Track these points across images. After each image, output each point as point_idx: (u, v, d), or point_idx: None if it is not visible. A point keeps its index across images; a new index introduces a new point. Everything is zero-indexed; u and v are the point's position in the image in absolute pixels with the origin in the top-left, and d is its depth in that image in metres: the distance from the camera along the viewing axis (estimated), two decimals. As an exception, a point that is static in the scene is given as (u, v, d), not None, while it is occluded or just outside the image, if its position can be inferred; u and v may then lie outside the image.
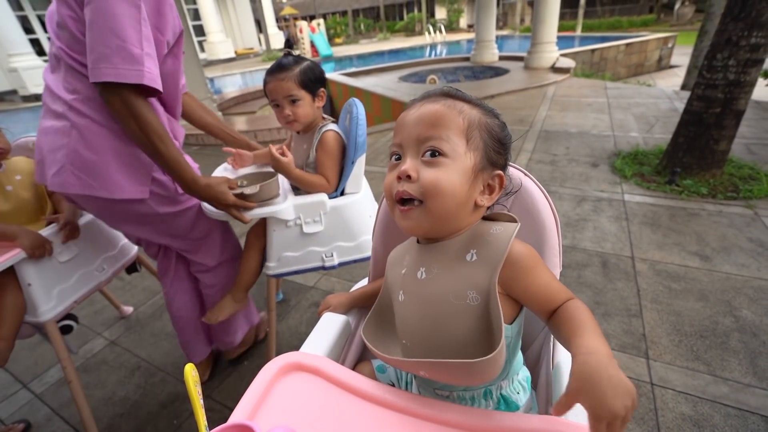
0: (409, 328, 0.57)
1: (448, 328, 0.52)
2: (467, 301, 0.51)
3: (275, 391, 0.56)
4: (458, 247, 0.55)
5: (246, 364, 1.57)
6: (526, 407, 0.60)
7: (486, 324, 0.50)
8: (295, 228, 1.21)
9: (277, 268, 1.25)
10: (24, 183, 1.29)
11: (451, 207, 0.52)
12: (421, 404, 0.52)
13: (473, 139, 0.53)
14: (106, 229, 1.45)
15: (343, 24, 23.10)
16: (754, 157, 2.88)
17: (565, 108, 4.65)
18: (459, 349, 0.51)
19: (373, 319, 0.65)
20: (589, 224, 2.26)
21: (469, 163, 0.53)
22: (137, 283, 2.17)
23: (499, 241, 0.52)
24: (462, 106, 0.55)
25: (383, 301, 0.66)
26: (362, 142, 1.17)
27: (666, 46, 9.64)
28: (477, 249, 0.53)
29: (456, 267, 0.54)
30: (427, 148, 0.53)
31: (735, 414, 1.19)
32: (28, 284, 1.16)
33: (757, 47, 2.26)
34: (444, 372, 0.51)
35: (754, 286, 1.68)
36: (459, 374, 0.50)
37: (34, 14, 11.35)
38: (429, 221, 0.53)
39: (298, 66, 1.18)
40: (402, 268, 0.61)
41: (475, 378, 0.49)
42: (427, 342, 0.54)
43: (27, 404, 1.49)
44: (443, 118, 0.53)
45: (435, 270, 0.55)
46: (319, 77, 1.23)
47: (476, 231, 0.56)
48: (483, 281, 0.51)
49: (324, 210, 1.21)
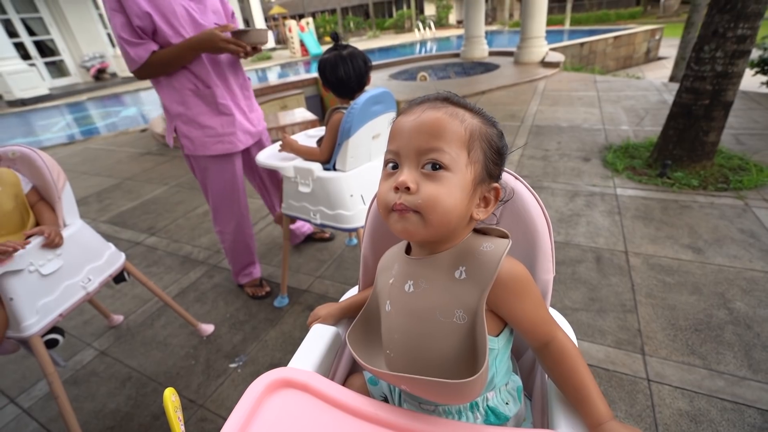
0: (394, 339, 0.55)
1: (432, 345, 0.51)
2: (454, 320, 0.50)
3: (263, 409, 0.53)
4: (447, 262, 0.53)
5: (240, 371, 1.55)
6: (518, 418, 0.59)
7: (471, 343, 0.49)
8: (294, 184, 1.56)
9: (286, 209, 1.69)
10: (6, 194, 1.25)
11: (450, 222, 0.51)
12: (412, 420, 0.51)
13: (474, 150, 0.51)
14: (91, 239, 1.41)
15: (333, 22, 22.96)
16: (742, 147, 2.90)
17: (555, 102, 4.65)
18: (442, 366, 0.50)
19: (359, 326, 0.64)
20: (582, 219, 2.26)
21: (470, 176, 0.51)
22: (127, 291, 2.13)
23: (489, 260, 0.50)
24: (464, 114, 0.52)
25: (371, 307, 0.65)
26: (347, 129, 1.36)
27: (653, 38, 9.71)
28: (466, 266, 0.51)
29: (444, 283, 0.52)
30: (427, 160, 0.50)
31: (731, 408, 1.19)
32: (9, 298, 1.12)
33: (743, 38, 2.27)
34: (425, 389, 0.49)
35: (747, 277, 1.69)
36: (439, 393, 0.49)
37: (18, 17, 11.11)
38: (426, 231, 0.50)
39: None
40: (390, 277, 0.60)
41: (455, 398, 0.49)
42: (410, 355, 0.53)
43: (14, 420, 1.45)
44: (446, 128, 0.50)
45: (423, 284, 0.54)
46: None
47: (466, 246, 0.53)
48: (471, 301, 0.49)
49: (312, 177, 1.48)
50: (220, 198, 1.76)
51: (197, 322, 1.75)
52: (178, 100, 1.55)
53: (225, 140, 1.63)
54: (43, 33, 11.80)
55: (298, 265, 2.17)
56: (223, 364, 1.59)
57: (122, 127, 6.35)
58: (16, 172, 1.30)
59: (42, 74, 11.38)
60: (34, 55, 11.53)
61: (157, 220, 2.94)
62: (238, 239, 1.88)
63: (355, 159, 1.46)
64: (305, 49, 14.23)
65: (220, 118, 1.61)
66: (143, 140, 5.36)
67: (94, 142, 5.63)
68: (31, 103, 9.76)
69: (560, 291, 1.74)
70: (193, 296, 2.03)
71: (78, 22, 12.21)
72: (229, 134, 1.63)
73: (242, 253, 1.93)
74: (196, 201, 3.17)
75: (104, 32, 12.64)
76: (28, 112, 9.06)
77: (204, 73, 1.53)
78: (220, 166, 1.69)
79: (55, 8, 11.78)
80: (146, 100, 9.02)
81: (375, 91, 1.40)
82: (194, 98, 1.55)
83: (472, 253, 0.52)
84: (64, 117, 8.11)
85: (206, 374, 1.55)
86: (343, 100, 1.48)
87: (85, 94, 10.63)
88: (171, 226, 2.82)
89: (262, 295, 1.95)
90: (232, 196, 1.77)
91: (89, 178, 4.08)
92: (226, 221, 1.82)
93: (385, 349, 0.57)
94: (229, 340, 1.71)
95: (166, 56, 1.43)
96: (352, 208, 1.47)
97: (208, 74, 1.53)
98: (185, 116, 1.58)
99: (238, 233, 1.86)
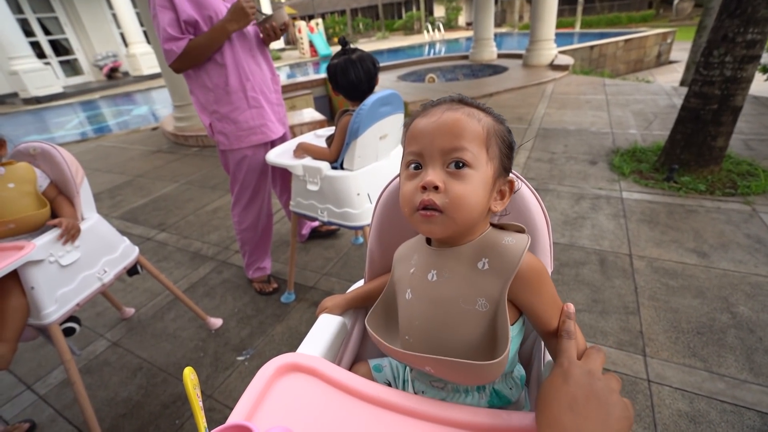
0: (414, 325, 0.58)
1: (454, 330, 0.54)
2: (476, 307, 0.53)
3: (273, 391, 0.57)
4: (470, 253, 0.56)
5: (246, 364, 1.59)
6: (519, 404, 0.61)
7: (491, 330, 0.52)
8: (303, 182, 1.60)
9: (294, 207, 1.72)
10: (19, 190, 1.29)
11: (474, 218, 0.54)
12: (417, 403, 0.53)
13: (491, 147, 0.54)
14: (107, 232, 1.46)
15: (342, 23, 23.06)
16: (752, 152, 2.88)
17: (563, 105, 4.65)
18: (462, 350, 0.53)
19: (378, 312, 0.67)
20: (588, 222, 2.27)
21: (490, 172, 0.54)
22: (138, 285, 2.19)
23: (511, 253, 0.53)
24: (479, 114, 0.55)
25: (388, 295, 0.68)
26: (356, 129, 1.39)
27: (665, 41, 9.62)
28: (489, 258, 0.54)
29: (467, 273, 0.55)
30: (452, 159, 0.53)
31: (731, 410, 1.20)
32: (31, 287, 1.18)
33: (753, 43, 2.26)
34: (449, 370, 0.53)
35: (752, 282, 1.69)
36: (463, 373, 0.52)
37: (34, 17, 11.36)
38: (453, 227, 0.53)
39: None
40: (410, 267, 0.62)
41: (476, 378, 0.52)
42: (430, 340, 0.56)
43: (31, 405, 1.51)
44: (466, 128, 0.53)
45: (446, 274, 0.57)
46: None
47: (488, 239, 0.56)
48: (494, 291, 0.52)
49: (320, 175, 1.52)
50: (249, 187, 1.82)
51: (206, 315, 1.80)
52: (211, 99, 1.63)
53: (257, 131, 1.72)
54: (58, 32, 12.04)
55: (305, 263, 2.21)
56: (230, 357, 1.63)
57: (134, 126, 6.46)
58: (35, 168, 1.35)
59: (56, 73, 11.62)
60: (49, 53, 11.77)
61: (168, 216, 3.01)
62: (259, 230, 1.94)
63: (363, 159, 1.49)
64: (314, 49, 14.32)
65: (251, 111, 1.68)
66: (154, 138, 5.46)
67: (107, 140, 5.74)
68: (45, 101, 9.97)
69: (563, 292, 1.75)
70: (203, 291, 2.08)
71: (92, 21, 12.45)
72: (260, 125, 1.71)
73: (259, 245, 1.98)
74: (206, 198, 3.23)
75: (117, 32, 12.86)
76: (42, 109, 9.26)
77: (234, 68, 1.60)
78: (255, 155, 1.76)
79: (70, 8, 12.02)
80: (157, 99, 9.16)
81: (383, 92, 1.44)
82: (226, 95, 1.62)
83: (495, 247, 0.55)
84: (77, 115, 8.27)
85: (214, 366, 1.59)
86: (354, 102, 1.51)
87: (98, 92, 10.83)
88: (181, 222, 2.88)
89: (269, 291, 1.99)
90: (261, 185, 1.85)
91: (102, 175, 4.17)
92: (250, 211, 1.88)
93: (404, 335, 0.59)
94: (236, 334, 1.75)
95: (202, 40, 1.50)
96: (359, 206, 1.50)
97: (239, 69, 1.61)
98: (219, 113, 1.65)
99: (260, 224, 1.92)
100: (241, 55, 1.60)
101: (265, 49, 1.75)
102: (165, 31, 1.45)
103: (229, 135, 1.69)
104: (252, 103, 1.67)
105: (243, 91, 1.64)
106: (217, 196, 3.25)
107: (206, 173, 3.83)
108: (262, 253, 2.01)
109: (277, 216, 2.80)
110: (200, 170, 3.93)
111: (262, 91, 1.71)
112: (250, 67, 1.64)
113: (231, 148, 1.72)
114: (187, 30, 1.48)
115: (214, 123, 1.68)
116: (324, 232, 2.44)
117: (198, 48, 1.50)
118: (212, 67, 1.58)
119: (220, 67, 1.58)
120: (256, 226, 1.92)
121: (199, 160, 4.30)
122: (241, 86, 1.63)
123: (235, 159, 1.76)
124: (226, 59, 1.57)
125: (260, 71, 1.70)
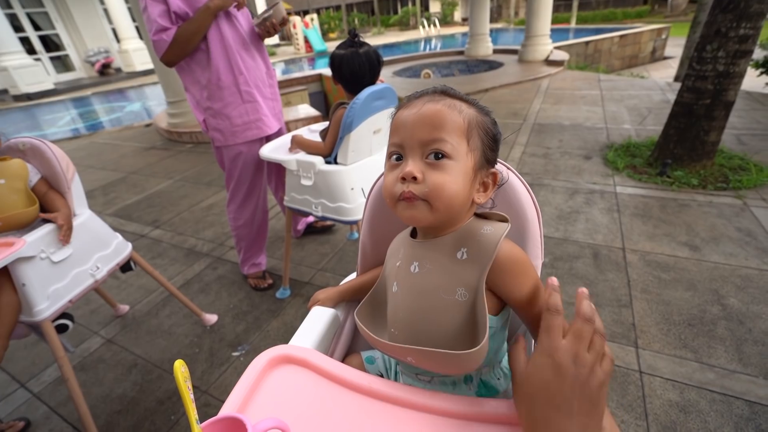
0: (399, 318, 0.58)
1: (435, 321, 0.54)
2: (456, 297, 0.53)
3: (264, 383, 0.57)
4: (450, 244, 0.56)
5: (242, 359, 1.59)
6: (507, 394, 0.62)
7: (472, 319, 0.52)
8: (297, 177, 1.60)
9: (288, 202, 1.73)
10: (9, 187, 1.27)
11: (455, 207, 0.54)
12: (408, 393, 0.54)
13: (473, 138, 0.54)
14: (100, 228, 1.45)
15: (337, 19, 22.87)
16: (744, 147, 2.90)
17: (558, 101, 4.66)
18: (444, 341, 0.53)
19: (367, 305, 0.67)
20: (581, 216, 2.29)
21: (470, 163, 0.54)
22: (133, 282, 2.18)
23: (488, 241, 0.53)
24: (461, 105, 0.55)
25: (379, 289, 0.68)
26: (349, 123, 1.40)
27: (660, 37, 9.65)
28: (467, 248, 0.55)
29: (447, 264, 0.55)
30: (431, 150, 0.53)
31: (720, 399, 1.22)
32: (22, 284, 1.17)
33: (745, 38, 2.28)
34: (429, 360, 0.53)
35: (742, 274, 1.71)
36: (443, 363, 0.52)
37: (24, 12, 11.18)
38: (432, 216, 0.53)
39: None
40: (397, 260, 0.63)
41: (457, 368, 0.52)
42: (414, 332, 0.56)
43: (25, 403, 1.50)
44: (446, 119, 0.53)
45: (427, 265, 0.57)
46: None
47: (468, 229, 0.57)
48: (472, 280, 0.52)
49: (314, 170, 1.52)
50: (245, 183, 1.81)
51: (201, 312, 1.79)
52: (205, 95, 1.62)
53: (252, 126, 1.71)
54: (48, 28, 11.86)
55: (300, 258, 2.21)
56: (226, 352, 1.63)
57: (127, 122, 6.40)
58: (27, 165, 1.34)
59: (47, 69, 11.45)
60: (39, 49, 11.61)
61: (162, 213, 2.99)
62: (254, 226, 1.93)
63: (356, 153, 1.49)
64: (309, 45, 14.23)
65: (245, 106, 1.67)
66: (148, 135, 5.41)
67: (99, 137, 5.68)
68: (36, 98, 9.83)
69: (557, 286, 1.76)
70: (197, 287, 2.07)
71: (83, 17, 12.27)
72: (255, 120, 1.70)
73: (255, 241, 1.98)
74: (200, 195, 3.22)
75: (109, 27, 12.69)
76: (33, 106, 9.13)
77: (226, 62, 1.58)
78: (250, 151, 1.75)
79: (60, 3, 11.84)
80: (150, 95, 9.07)
81: (377, 86, 1.43)
82: (218, 91, 1.61)
83: (473, 236, 0.55)
84: (69, 112, 8.17)
85: (210, 362, 1.59)
86: (352, 96, 1.50)
87: (90, 89, 10.70)
88: (175, 219, 2.87)
89: (264, 287, 1.99)
90: (256, 181, 1.84)
91: (95, 172, 4.13)
92: (245, 208, 1.87)
93: (390, 328, 0.60)
94: (232, 330, 1.75)
95: (187, 25, 1.48)
96: (353, 200, 1.50)
97: (231, 63, 1.59)
98: (212, 109, 1.64)
99: (255, 220, 1.92)
100: (234, 48, 1.59)
101: (260, 42, 1.73)
102: (155, 22, 1.44)
103: (223, 131, 1.68)
104: (246, 98, 1.66)
105: (236, 86, 1.62)
106: (212, 193, 3.23)
107: (201, 170, 3.80)
108: (257, 250, 2.01)
109: (272, 212, 2.79)
110: (194, 167, 3.91)
111: (257, 85, 1.70)
112: (244, 60, 1.63)
113: (226, 144, 1.71)
114: (177, 22, 1.47)
115: (209, 119, 1.67)
116: (319, 228, 2.44)
117: (185, 33, 1.48)
118: (204, 60, 1.57)
119: (211, 61, 1.57)
120: (252, 223, 1.91)
121: (193, 156, 4.27)
122: (233, 81, 1.61)
123: (230, 155, 1.75)
124: (217, 52, 1.55)
125: (255, 65, 1.68)
